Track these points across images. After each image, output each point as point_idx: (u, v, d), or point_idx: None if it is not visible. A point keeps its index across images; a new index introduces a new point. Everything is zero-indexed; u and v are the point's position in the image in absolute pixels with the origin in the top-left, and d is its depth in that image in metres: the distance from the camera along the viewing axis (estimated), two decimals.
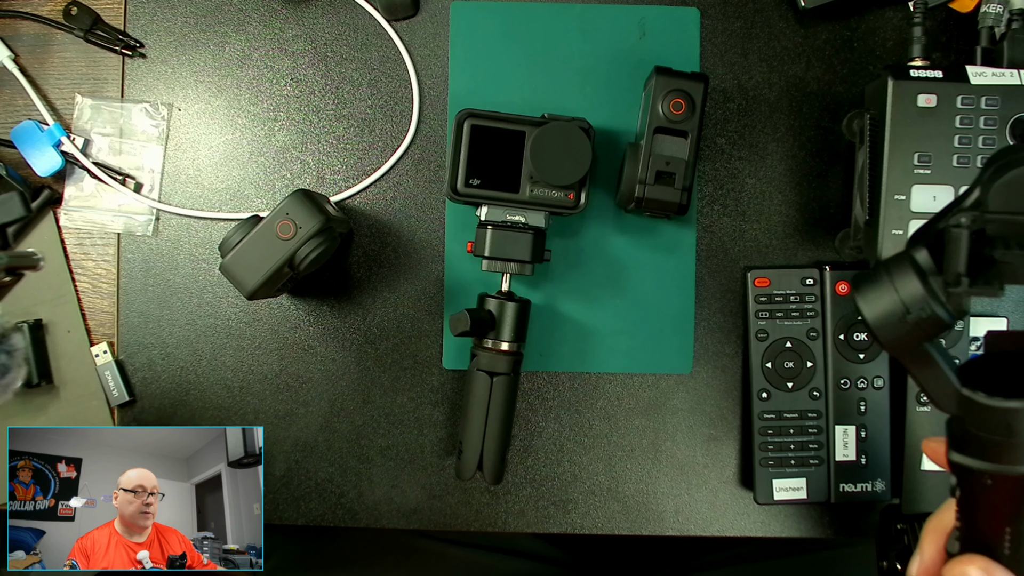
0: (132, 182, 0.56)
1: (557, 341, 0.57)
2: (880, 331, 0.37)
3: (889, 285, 0.37)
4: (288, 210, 0.48)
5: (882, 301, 0.37)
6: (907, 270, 0.37)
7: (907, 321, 0.36)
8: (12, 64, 0.56)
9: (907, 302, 0.36)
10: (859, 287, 0.38)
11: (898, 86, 0.49)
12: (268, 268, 0.48)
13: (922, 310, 0.36)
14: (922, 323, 0.36)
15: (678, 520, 0.58)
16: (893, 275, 0.37)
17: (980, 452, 0.37)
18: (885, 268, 0.37)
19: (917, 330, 0.37)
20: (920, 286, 0.36)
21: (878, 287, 0.37)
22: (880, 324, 0.37)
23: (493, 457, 0.53)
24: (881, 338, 0.38)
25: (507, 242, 0.52)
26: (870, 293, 0.37)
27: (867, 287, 0.37)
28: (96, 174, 0.56)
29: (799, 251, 0.58)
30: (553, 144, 0.50)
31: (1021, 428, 0.35)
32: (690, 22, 0.57)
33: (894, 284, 0.37)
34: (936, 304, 0.36)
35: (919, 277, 0.36)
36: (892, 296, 0.37)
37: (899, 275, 0.37)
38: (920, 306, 0.36)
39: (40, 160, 0.55)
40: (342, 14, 0.57)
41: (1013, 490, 0.37)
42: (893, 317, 0.37)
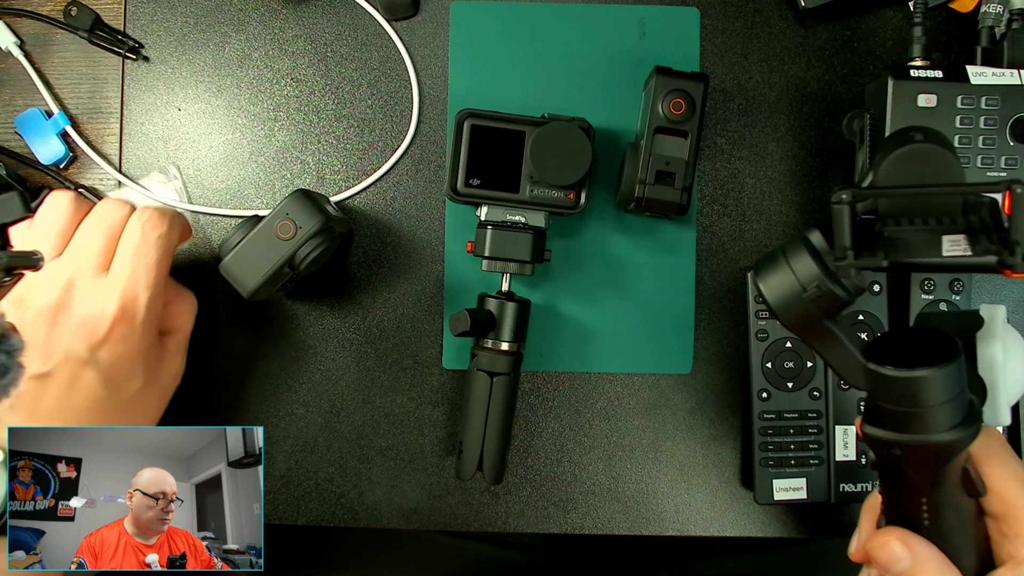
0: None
1: (557, 341, 0.57)
2: (780, 310, 0.39)
3: (785, 266, 0.38)
4: (288, 210, 0.48)
5: (780, 281, 0.38)
6: (801, 250, 0.38)
7: (804, 299, 0.38)
8: (18, 51, 0.56)
9: (802, 280, 0.38)
10: (759, 270, 0.39)
11: (898, 86, 0.49)
12: (268, 268, 0.48)
13: (817, 287, 0.37)
14: (819, 300, 0.38)
15: (678, 520, 0.58)
16: (789, 256, 0.38)
17: (889, 424, 0.38)
18: (782, 251, 0.39)
19: (815, 307, 0.38)
20: (813, 264, 0.37)
21: (776, 269, 0.39)
22: (779, 304, 0.39)
23: (493, 457, 0.53)
24: (782, 317, 0.39)
25: (507, 242, 0.52)
26: (768, 275, 0.39)
27: (766, 269, 0.39)
28: (97, 162, 0.56)
29: None
30: (553, 144, 0.50)
31: (924, 397, 0.36)
32: (690, 22, 0.57)
33: (790, 264, 0.38)
34: (830, 281, 0.37)
35: (812, 256, 0.38)
36: (789, 276, 0.38)
37: (794, 256, 0.38)
38: (815, 283, 0.37)
39: (43, 148, 0.55)
40: (342, 14, 0.57)
41: (923, 459, 0.38)
42: (791, 296, 0.38)
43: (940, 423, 0.37)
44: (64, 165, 0.56)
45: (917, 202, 0.38)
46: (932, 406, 0.36)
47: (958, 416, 0.37)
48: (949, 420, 0.37)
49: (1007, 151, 0.49)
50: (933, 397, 0.36)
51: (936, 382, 0.36)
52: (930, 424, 0.37)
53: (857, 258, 0.37)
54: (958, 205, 0.37)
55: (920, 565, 0.40)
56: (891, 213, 0.38)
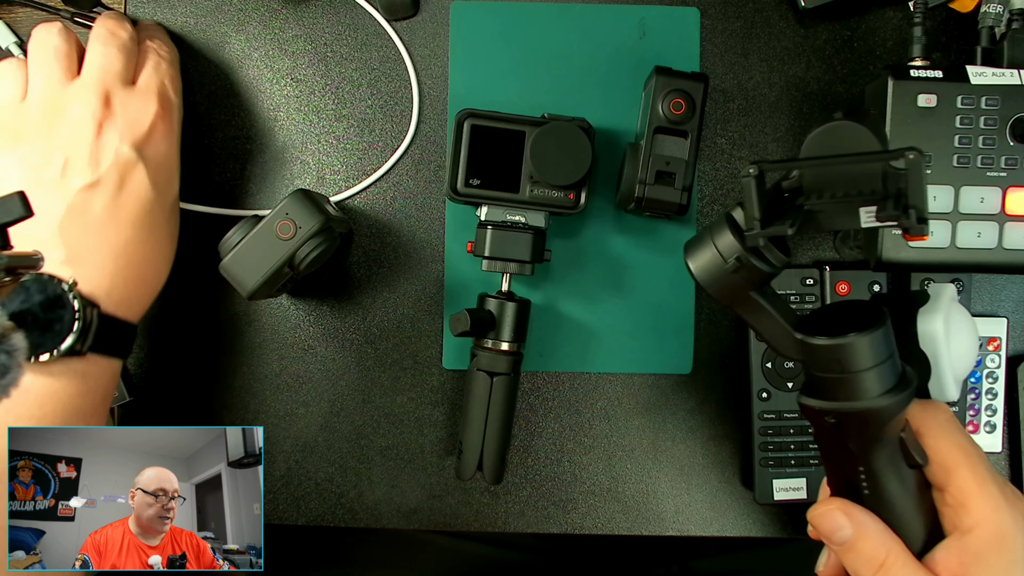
0: None
1: (557, 341, 0.57)
2: (706, 283, 0.41)
3: (709, 242, 0.41)
4: (288, 210, 0.48)
5: (704, 256, 0.41)
6: (723, 226, 0.40)
7: (726, 271, 0.40)
8: (18, 50, 0.56)
9: (724, 254, 0.40)
10: (688, 249, 0.42)
11: (898, 86, 0.49)
12: (268, 268, 0.48)
13: (736, 259, 0.39)
14: (740, 271, 0.40)
15: (678, 520, 0.58)
16: (713, 232, 0.41)
17: (822, 393, 0.40)
18: (707, 229, 0.41)
19: (738, 279, 0.40)
20: (733, 238, 0.40)
21: (701, 245, 0.41)
22: (705, 277, 0.41)
23: (493, 457, 0.53)
24: (708, 289, 0.41)
25: (507, 242, 0.52)
26: (695, 251, 0.41)
27: (693, 247, 0.42)
28: None
29: (799, 251, 0.58)
30: (553, 144, 0.50)
31: (850, 363, 0.38)
32: (690, 22, 0.57)
33: (713, 240, 0.40)
34: (748, 252, 0.39)
35: (732, 230, 0.40)
36: (712, 251, 0.40)
37: (717, 232, 0.40)
38: (735, 255, 0.40)
39: None
40: (342, 14, 0.57)
41: (856, 426, 0.40)
42: (715, 269, 0.41)
43: (869, 389, 0.38)
44: None
45: (837, 174, 0.40)
46: (858, 372, 0.38)
47: (888, 383, 0.38)
48: (879, 386, 0.38)
49: (1007, 151, 0.49)
50: (859, 363, 0.38)
51: (861, 348, 0.38)
52: (859, 391, 0.38)
53: (764, 228, 0.39)
54: (877, 176, 0.39)
55: (861, 533, 0.41)
56: (814, 188, 0.40)
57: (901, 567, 0.40)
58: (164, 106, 0.50)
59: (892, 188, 0.38)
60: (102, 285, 0.47)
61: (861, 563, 0.41)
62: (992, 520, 0.39)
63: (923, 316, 0.45)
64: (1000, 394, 0.57)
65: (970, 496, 0.39)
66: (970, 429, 0.57)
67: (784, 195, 0.41)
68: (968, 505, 0.39)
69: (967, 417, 0.56)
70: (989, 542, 0.39)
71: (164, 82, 0.51)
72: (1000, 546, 0.39)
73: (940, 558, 0.40)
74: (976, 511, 0.39)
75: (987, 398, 0.57)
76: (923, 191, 0.37)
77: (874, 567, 0.40)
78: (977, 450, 0.41)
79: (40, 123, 0.47)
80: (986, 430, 0.57)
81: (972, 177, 0.49)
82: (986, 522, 0.39)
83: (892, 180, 0.38)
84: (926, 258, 0.49)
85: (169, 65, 0.52)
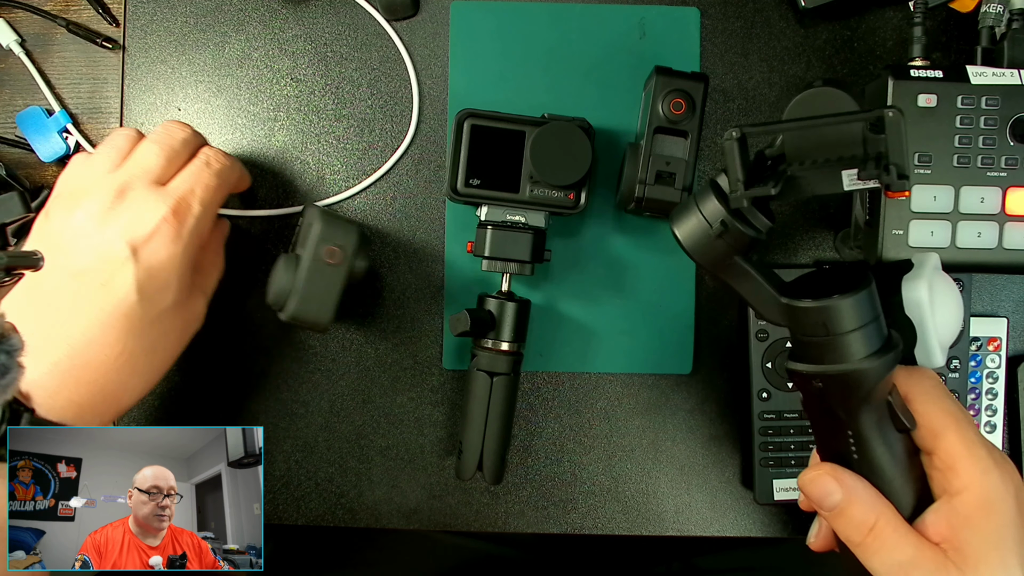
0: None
1: (557, 341, 0.57)
2: (692, 249, 0.42)
3: (695, 208, 0.41)
4: (323, 235, 0.48)
5: (690, 223, 0.41)
6: (708, 192, 0.41)
7: (711, 236, 0.41)
8: (19, 48, 0.56)
9: (709, 219, 0.41)
10: (673, 217, 0.42)
11: (898, 86, 0.49)
12: (335, 296, 0.48)
13: (722, 223, 0.40)
14: (725, 236, 0.40)
15: (678, 520, 0.58)
16: (698, 199, 0.41)
17: (808, 357, 0.40)
18: (693, 196, 0.42)
19: (724, 244, 0.41)
20: (718, 203, 0.40)
21: (687, 212, 0.42)
22: (690, 243, 0.41)
23: (493, 457, 0.53)
24: (694, 255, 0.42)
25: (507, 242, 0.52)
26: (681, 218, 0.42)
27: (679, 214, 0.42)
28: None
29: (799, 251, 0.58)
30: (553, 144, 0.50)
31: (835, 325, 0.38)
32: (690, 22, 0.57)
33: (699, 207, 0.41)
34: (733, 216, 0.40)
35: (717, 196, 0.40)
36: (698, 217, 0.41)
37: (702, 198, 0.41)
38: (719, 219, 0.40)
39: (44, 146, 0.56)
40: (342, 14, 0.57)
41: (842, 389, 0.40)
42: (700, 234, 0.41)
43: (855, 352, 0.39)
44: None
45: (818, 140, 0.40)
46: (843, 334, 0.38)
47: (873, 345, 0.39)
48: (864, 348, 0.39)
49: (1007, 151, 0.49)
50: (844, 325, 0.38)
51: (845, 309, 0.38)
52: (844, 353, 0.39)
53: (747, 189, 0.39)
54: (858, 140, 0.39)
55: (851, 498, 0.41)
56: (796, 154, 0.41)
57: (892, 531, 0.40)
58: (177, 212, 0.46)
59: (872, 150, 0.38)
60: (46, 384, 0.43)
61: (852, 528, 0.41)
62: (980, 483, 0.39)
63: (907, 283, 0.45)
64: (1000, 394, 0.57)
65: (958, 459, 0.39)
66: None
67: (768, 163, 0.41)
68: (956, 468, 0.39)
69: None
70: (978, 505, 0.39)
71: (194, 189, 0.47)
72: (989, 508, 0.39)
73: (930, 521, 0.40)
74: (964, 474, 0.39)
75: (987, 398, 0.57)
76: (903, 148, 0.38)
77: (864, 531, 0.40)
78: (965, 414, 0.41)
79: (66, 207, 0.46)
80: (986, 430, 0.57)
81: (972, 177, 0.49)
82: (975, 485, 0.39)
83: (872, 143, 0.38)
84: None
85: (212, 175, 0.48)
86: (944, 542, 0.39)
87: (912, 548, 0.39)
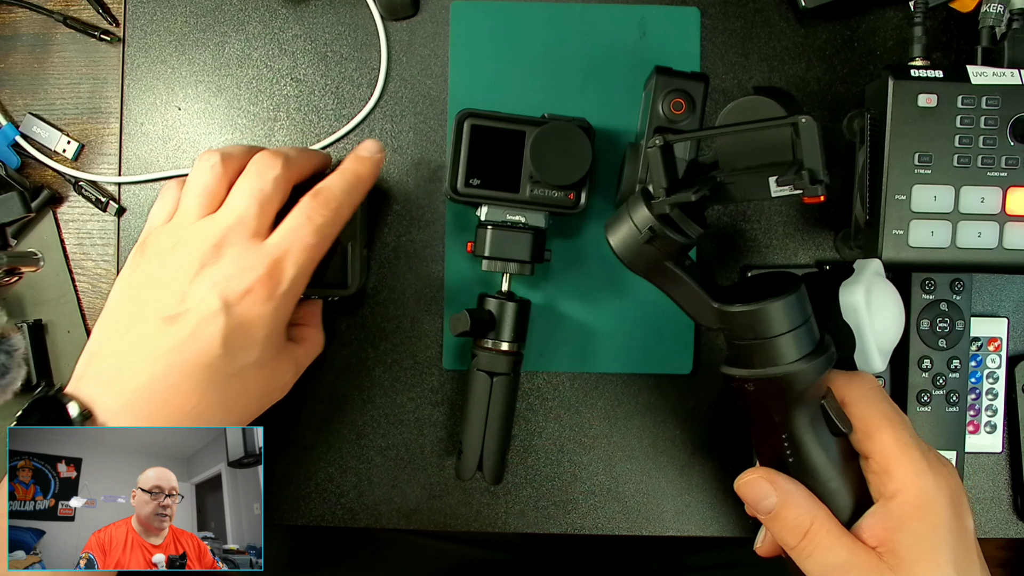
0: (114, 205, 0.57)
1: (557, 341, 0.57)
2: (623, 254, 0.43)
3: (627, 216, 0.42)
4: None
5: (622, 230, 0.42)
6: (638, 200, 0.42)
7: (641, 242, 0.42)
8: None
9: (639, 225, 0.41)
10: (608, 226, 0.43)
11: (898, 86, 0.49)
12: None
13: (650, 230, 0.41)
14: (655, 242, 0.41)
15: (678, 520, 0.58)
16: (630, 207, 0.42)
17: (740, 361, 0.41)
18: (626, 204, 0.43)
19: (654, 250, 0.42)
20: (647, 210, 0.41)
21: (620, 220, 0.43)
22: (622, 248, 0.42)
23: (493, 457, 0.53)
24: (625, 261, 0.43)
25: (507, 242, 0.52)
26: (614, 226, 0.43)
27: (612, 223, 0.43)
28: (50, 165, 0.56)
29: (799, 251, 0.58)
30: (553, 144, 0.50)
31: (764, 329, 0.39)
32: (690, 22, 0.57)
33: (630, 214, 0.42)
34: (661, 222, 0.41)
35: (645, 202, 0.41)
36: (629, 224, 0.42)
37: (634, 206, 0.42)
38: (648, 226, 0.41)
39: None
40: (342, 14, 0.57)
41: (775, 392, 0.41)
42: (631, 240, 0.42)
43: (785, 355, 0.39)
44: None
45: (749, 147, 0.41)
46: (773, 337, 0.39)
47: (804, 348, 0.39)
48: (795, 352, 0.39)
49: (1007, 151, 0.49)
50: (773, 328, 0.39)
51: (774, 313, 0.39)
52: (775, 356, 0.39)
53: (669, 195, 0.41)
54: (787, 146, 0.40)
55: (785, 501, 0.41)
56: (728, 161, 0.42)
57: (826, 534, 0.40)
58: (272, 274, 0.45)
59: (798, 156, 0.39)
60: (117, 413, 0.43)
61: (787, 531, 0.41)
62: (915, 485, 0.39)
63: (844, 288, 0.46)
64: (1000, 394, 0.57)
65: (893, 461, 0.40)
66: (970, 429, 0.57)
67: (700, 169, 0.42)
68: (891, 471, 0.40)
69: (967, 417, 0.56)
70: (913, 507, 0.39)
71: (294, 249, 0.45)
72: (924, 510, 0.39)
73: (867, 525, 0.40)
74: (899, 476, 0.39)
75: (987, 398, 0.57)
76: (817, 153, 0.39)
77: (799, 535, 0.40)
78: (901, 417, 0.41)
79: (162, 251, 0.46)
80: (986, 430, 0.57)
81: (972, 177, 0.49)
82: (909, 487, 0.39)
83: (798, 148, 0.39)
84: (926, 258, 0.49)
85: (311, 233, 0.46)
86: (880, 545, 0.39)
87: (846, 551, 0.39)
